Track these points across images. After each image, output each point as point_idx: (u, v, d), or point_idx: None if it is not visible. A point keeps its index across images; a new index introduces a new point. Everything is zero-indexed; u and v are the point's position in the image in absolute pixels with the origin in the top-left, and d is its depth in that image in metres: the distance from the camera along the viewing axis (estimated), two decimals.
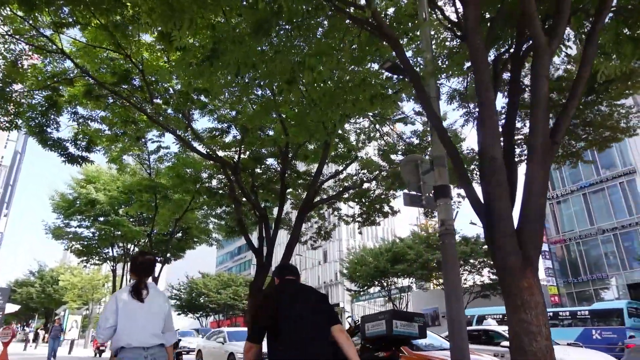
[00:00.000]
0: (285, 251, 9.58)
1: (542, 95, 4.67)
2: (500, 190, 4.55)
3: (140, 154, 15.39)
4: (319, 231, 15.36)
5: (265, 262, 9.59)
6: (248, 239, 10.39)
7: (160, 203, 15.44)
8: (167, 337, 3.75)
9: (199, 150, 10.53)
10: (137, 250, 23.79)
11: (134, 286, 3.64)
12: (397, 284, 45.89)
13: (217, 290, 59.76)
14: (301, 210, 9.88)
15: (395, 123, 13.83)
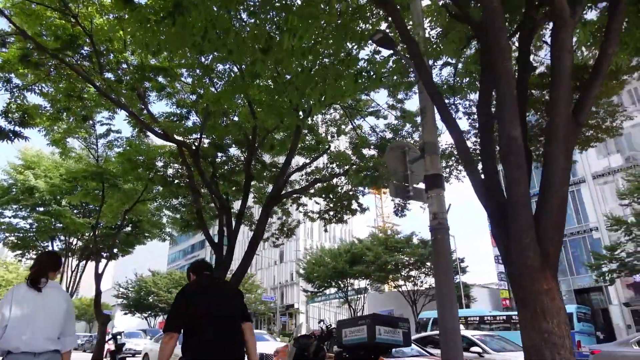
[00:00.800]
0: (248, 248, 8.63)
1: (566, 70, 4.04)
2: (519, 174, 3.87)
3: (87, 137, 13.88)
4: (282, 228, 14.43)
5: (226, 258, 8.60)
6: (207, 233, 9.35)
7: (108, 192, 13.97)
8: (64, 342, 3.47)
9: (155, 130, 9.35)
10: (80, 244, 21.94)
11: (32, 275, 3.46)
12: (353, 286, 45.60)
13: (168, 289, 57.34)
14: (268, 202, 8.95)
15: (367, 116, 13.17)
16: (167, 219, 16.74)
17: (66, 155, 13.96)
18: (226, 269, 8.62)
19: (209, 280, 3.53)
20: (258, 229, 8.67)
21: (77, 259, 23.14)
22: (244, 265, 8.45)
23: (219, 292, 3.44)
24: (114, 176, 13.28)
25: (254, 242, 8.57)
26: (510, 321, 30.18)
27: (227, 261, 8.61)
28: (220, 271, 8.46)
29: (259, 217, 9.02)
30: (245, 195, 9.10)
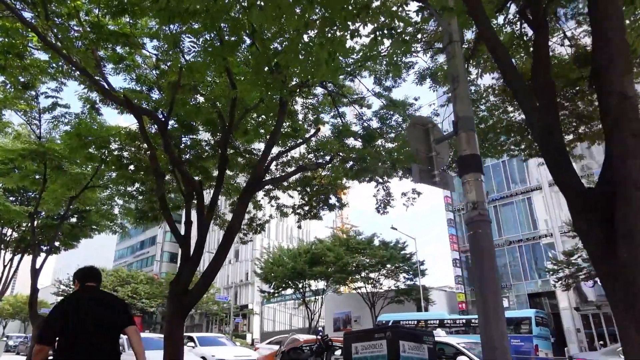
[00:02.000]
0: (222, 243, 7.28)
1: None
2: (635, 142, 2.86)
3: (27, 110, 11.92)
4: (251, 223, 13.05)
5: (195, 254, 7.23)
6: (172, 223, 7.91)
7: (51, 176, 12.04)
8: None
9: (115, 97, 7.77)
10: (16, 235, 19.47)
11: None
12: (311, 287, 44.60)
13: (114, 288, 54.14)
14: (246, 190, 7.63)
15: (350, 104, 12.08)
16: (120, 210, 14.87)
17: (1, 131, 11.94)
18: (195, 266, 7.26)
19: (91, 292, 3.67)
20: (234, 220, 7.36)
21: (12, 252, 20.60)
22: (216, 263, 7.12)
23: (98, 305, 3.53)
24: (59, 157, 11.43)
25: (229, 236, 7.25)
26: (470, 324, 30.20)
27: (196, 258, 7.25)
28: (188, 269, 7.09)
29: (236, 207, 7.69)
30: (219, 180, 7.73)
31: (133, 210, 13.74)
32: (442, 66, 10.39)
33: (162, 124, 6.99)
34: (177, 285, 7.01)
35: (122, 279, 56.37)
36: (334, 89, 11.55)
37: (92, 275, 3.83)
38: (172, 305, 6.85)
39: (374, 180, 12.07)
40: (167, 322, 6.89)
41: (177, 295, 6.89)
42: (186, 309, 6.94)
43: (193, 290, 7.00)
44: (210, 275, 7.14)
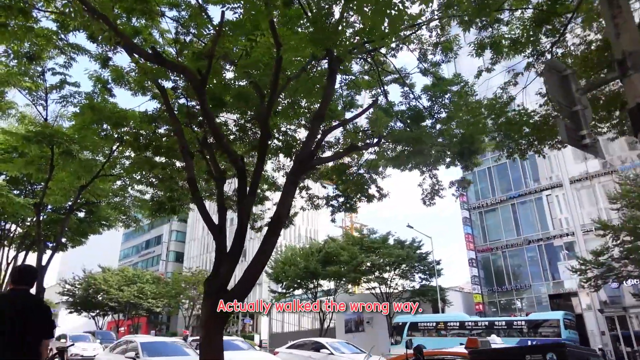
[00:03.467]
0: (269, 232, 5.95)
1: None
2: None
3: (33, 89, 10.64)
4: None
5: (235, 247, 5.91)
6: (204, 210, 6.59)
7: (59, 162, 10.77)
8: None
9: (140, 48, 6.44)
10: (20, 231, 18.21)
11: None
12: (322, 287, 43.24)
13: (120, 287, 52.99)
14: (294, 172, 6.30)
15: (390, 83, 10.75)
16: (133, 202, 13.53)
17: (3, 112, 10.67)
18: (236, 260, 5.96)
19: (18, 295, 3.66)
20: (282, 207, 6.04)
21: (16, 248, 19.35)
22: (263, 256, 5.81)
23: (21, 310, 3.51)
24: (68, 140, 10.14)
25: (277, 225, 5.95)
26: (493, 327, 28.79)
27: (236, 250, 5.94)
28: (227, 264, 5.80)
29: (284, 189, 6.36)
30: (260, 159, 6.40)
31: (148, 202, 12.44)
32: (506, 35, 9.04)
33: (199, 83, 5.69)
34: (213, 284, 5.73)
35: (128, 279, 55.25)
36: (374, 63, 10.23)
37: (23, 277, 3.78)
38: (208, 307, 5.57)
39: (420, 167, 10.74)
40: (203, 327, 5.60)
41: (214, 296, 5.60)
42: (223, 316, 5.67)
43: (235, 290, 5.71)
44: (255, 270, 5.84)
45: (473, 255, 43.91)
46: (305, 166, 6.46)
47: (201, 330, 5.66)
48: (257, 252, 5.98)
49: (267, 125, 6.51)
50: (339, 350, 15.85)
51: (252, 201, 6.52)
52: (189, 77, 5.87)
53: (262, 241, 6.02)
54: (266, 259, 5.96)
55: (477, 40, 9.34)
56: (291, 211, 12.28)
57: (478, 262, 43.86)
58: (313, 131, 6.64)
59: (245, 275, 5.81)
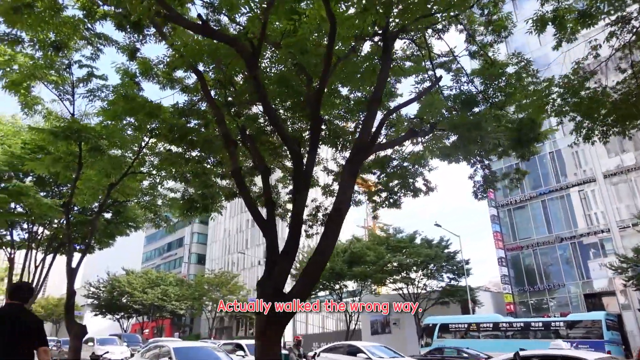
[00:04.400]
0: (328, 230, 5.19)
1: None
2: None
3: (59, 83, 10.14)
4: (316, 213, 10.96)
5: (290, 245, 5.18)
6: (251, 204, 5.89)
7: (87, 158, 10.25)
8: None
9: (182, 17, 5.75)
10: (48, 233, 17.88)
11: None
12: (347, 288, 42.40)
13: (144, 290, 53.09)
14: (352, 159, 5.51)
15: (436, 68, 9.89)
16: (164, 201, 12.93)
17: (30, 108, 10.21)
18: (292, 260, 5.25)
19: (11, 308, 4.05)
20: (342, 197, 5.30)
21: (43, 251, 19.05)
22: (322, 257, 5.06)
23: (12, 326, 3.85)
24: (97, 136, 9.60)
25: (337, 218, 5.21)
26: (529, 328, 27.60)
27: (291, 249, 5.22)
28: (284, 264, 5.09)
29: (342, 180, 5.61)
30: (313, 147, 5.64)
31: (179, 200, 11.87)
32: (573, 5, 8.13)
33: (250, 55, 5.00)
34: (267, 287, 5.03)
35: (152, 281, 55.36)
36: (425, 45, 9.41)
37: (17, 293, 4.15)
38: (264, 312, 4.87)
39: (470, 157, 9.88)
40: (260, 336, 4.91)
41: (270, 300, 4.91)
42: (284, 317, 4.97)
43: (293, 292, 5.00)
44: (316, 268, 5.12)
45: (502, 253, 42.60)
46: (365, 153, 5.74)
47: (257, 338, 4.97)
48: (316, 250, 5.27)
49: (319, 109, 5.80)
50: (377, 355, 15.03)
51: (306, 195, 5.81)
52: (240, 49, 5.20)
53: (320, 238, 5.30)
54: (327, 256, 5.24)
55: (536, 15, 8.47)
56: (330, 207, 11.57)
57: (508, 261, 42.57)
58: (370, 115, 5.90)
59: (305, 275, 5.10)
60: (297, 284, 5.11)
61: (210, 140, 8.33)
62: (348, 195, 5.54)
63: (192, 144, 8.25)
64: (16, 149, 13.66)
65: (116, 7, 6.50)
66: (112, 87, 10.41)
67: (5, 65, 9.41)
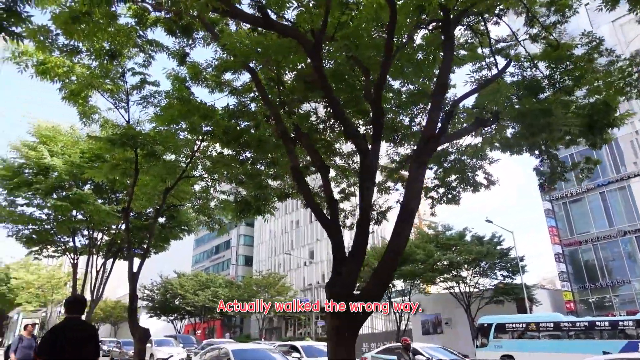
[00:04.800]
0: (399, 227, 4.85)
1: None
2: None
3: (114, 91, 10.38)
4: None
5: (358, 244, 4.89)
6: (312, 201, 5.66)
7: (143, 164, 10.45)
8: None
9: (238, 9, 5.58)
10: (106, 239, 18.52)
11: None
12: (395, 287, 41.65)
13: (195, 292, 54.41)
14: (422, 150, 5.15)
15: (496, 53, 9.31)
16: (216, 203, 13.04)
17: (87, 118, 10.51)
18: (360, 261, 4.97)
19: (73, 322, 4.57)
20: (413, 191, 4.99)
21: (103, 256, 19.77)
22: (395, 256, 4.75)
23: (78, 334, 4.46)
24: (152, 142, 9.73)
25: (407, 215, 4.88)
26: (594, 328, 25.99)
27: (359, 249, 4.94)
28: (353, 264, 4.83)
29: (411, 174, 5.28)
30: (376, 141, 5.33)
31: (231, 203, 11.89)
32: None
33: (312, 46, 4.79)
34: (337, 289, 4.79)
35: (202, 283, 56.65)
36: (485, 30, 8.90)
37: (73, 307, 4.65)
38: (335, 315, 4.64)
39: (535, 148, 9.27)
40: (333, 338, 4.67)
41: (343, 301, 4.66)
42: (357, 319, 4.72)
43: (365, 293, 4.74)
44: (389, 268, 4.84)
45: (559, 249, 40.63)
46: (434, 145, 5.39)
47: (330, 339, 4.74)
48: (387, 249, 4.97)
49: (380, 99, 5.51)
50: (436, 357, 14.48)
51: (373, 189, 5.53)
52: (302, 41, 5.01)
53: (391, 237, 5.00)
54: (399, 256, 4.94)
55: None
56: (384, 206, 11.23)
57: (565, 257, 40.53)
58: (436, 104, 5.55)
59: (377, 276, 4.82)
60: (368, 284, 4.84)
61: (264, 140, 8.22)
62: (417, 191, 5.21)
63: (246, 144, 8.17)
64: (75, 158, 14.20)
65: (170, 7, 6.45)
66: (164, 93, 10.55)
67: (64, 76, 9.70)
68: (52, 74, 9.59)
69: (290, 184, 10.86)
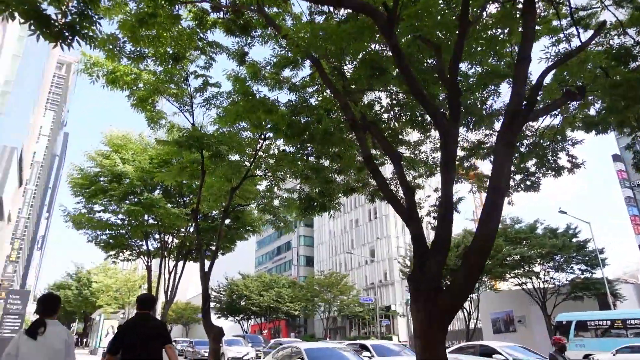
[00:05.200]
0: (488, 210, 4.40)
1: None
2: None
3: (178, 94, 10.61)
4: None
5: (442, 235, 4.46)
6: (387, 190, 5.31)
7: (209, 165, 10.61)
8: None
9: None
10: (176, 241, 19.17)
11: (31, 325, 4.20)
12: None
13: (259, 292, 55.59)
14: (510, 126, 4.66)
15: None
16: (280, 202, 13.03)
17: (155, 123, 10.84)
18: (444, 252, 4.57)
19: (142, 316, 5.04)
20: (501, 174, 4.50)
21: (174, 259, 20.53)
22: (483, 243, 4.31)
23: (147, 327, 4.93)
24: (217, 142, 9.82)
25: (498, 198, 4.40)
26: None
27: (442, 240, 4.51)
28: (438, 255, 4.43)
29: (497, 154, 4.76)
30: (455, 120, 4.88)
31: (296, 201, 11.79)
32: None
33: (386, 22, 4.47)
34: (421, 282, 4.43)
35: (266, 284, 57.71)
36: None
37: (144, 304, 5.16)
38: (423, 310, 4.28)
39: (625, 124, 8.34)
40: (422, 336, 4.32)
41: (426, 296, 4.30)
42: (446, 315, 4.33)
43: (453, 287, 4.35)
44: (480, 258, 4.41)
45: None
46: (522, 120, 4.88)
47: (418, 337, 4.39)
48: (476, 238, 4.54)
49: (456, 78, 5.07)
50: (516, 357, 13.58)
51: (454, 173, 5.13)
52: (375, 16, 4.70)
53: (479, 224, 4.55)
54: (490, 245, 4.49)
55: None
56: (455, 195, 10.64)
57: None
58: (520, 76, 5.02)
59: (466, 267, 4.41)
60: (457, 277, 4.44)
61: (330, 132, 7.99)
62: (506, 171, 4.70)
63: (311, 138, 7.98)
64: (145, 164, 14.79)
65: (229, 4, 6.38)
66: (226, 94, 10.65)
67: (132, 84, 10.04)
68: (120, 82, 9.96)
69: (355, 178, 10.57)
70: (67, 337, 4.34)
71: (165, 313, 20.11)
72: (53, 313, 4.36)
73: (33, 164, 53.56)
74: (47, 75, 54.65)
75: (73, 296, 55.88)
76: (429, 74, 7.55)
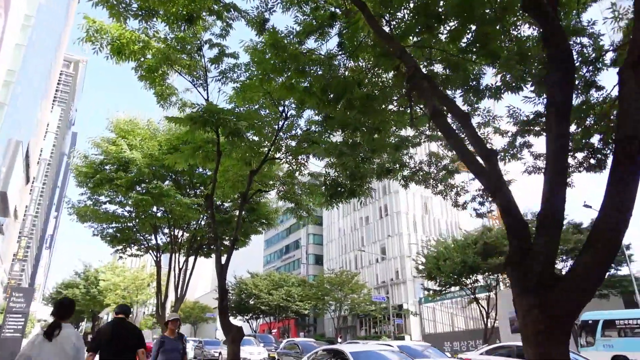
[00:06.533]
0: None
1: None
2: None
3: (191, 67, 9.46)
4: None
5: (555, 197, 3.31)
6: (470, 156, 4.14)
7: (225, 146, 9.43)
8: None
9: None
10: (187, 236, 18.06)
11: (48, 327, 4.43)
12: (479, 282, 38.73)
13: (269, 291, 54.64)
14: None
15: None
16: (302, 189, 11.77)
17: (165, 100, 9.71)
18: (559, 228, 3.39)
19: (118, 321, 5.78)
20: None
21: (185, 254, 19.44)
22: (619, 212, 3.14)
23: (121, 331, 5.65)
24: (235, 119, 8.64)
25: (634, 151, 3.23)
26: None
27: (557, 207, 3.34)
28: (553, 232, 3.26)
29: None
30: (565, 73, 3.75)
31: (319, 187, 10.61)
32: None
33: None
34: (526, 269, 3.25)
35: (275, 283, 56.80)
36: None
37: (121, 310, 5.93)
38: (533, 305, 3.10)
39: None
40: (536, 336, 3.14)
41: (537, 286, 3.13)
42: (570, 313, 3.15)
43: (576, 276, 3.13)
44: (613, 239, 3.20)
45: None
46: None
47: (531, 345, 3.20)
48: (605, 208, 3.28)
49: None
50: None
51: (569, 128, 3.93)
52: None
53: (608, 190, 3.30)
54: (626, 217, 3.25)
55: None
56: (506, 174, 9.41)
57: None
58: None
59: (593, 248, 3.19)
60: (579, 263, 3.24)
61: (372, 96, 6.79)
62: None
63: (349, 104, 6.77)
64: (154, 150, 13.70)
65: None
66: (244, 66, 9.49)
67: (140, 54, 8.91)
68: (127, 52, 8.83)
69: (390, 159, 9.36)
70: (76, 341, 4.47)
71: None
72: (69, 317, 4.63)
73: (40, 161, 52.88)
74: (54, 70, 53.98)
75: (81, 295, 55.21)
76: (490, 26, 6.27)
